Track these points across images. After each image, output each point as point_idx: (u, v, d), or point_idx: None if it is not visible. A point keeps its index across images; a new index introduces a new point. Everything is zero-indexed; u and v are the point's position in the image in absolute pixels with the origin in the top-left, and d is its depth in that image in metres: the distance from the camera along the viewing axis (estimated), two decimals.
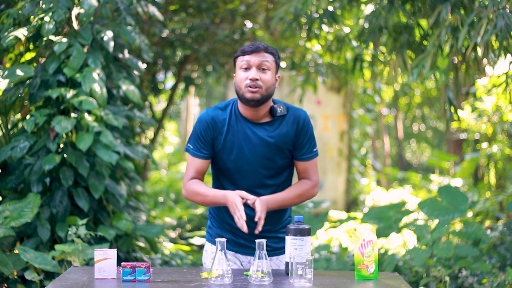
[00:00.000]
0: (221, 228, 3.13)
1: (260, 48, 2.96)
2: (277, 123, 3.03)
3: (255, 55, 2.95)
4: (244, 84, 2.94)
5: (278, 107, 3.02)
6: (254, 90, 2.93)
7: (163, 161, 15.80)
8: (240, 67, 2.97)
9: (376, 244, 2.85)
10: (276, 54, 3.03)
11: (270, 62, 2.98)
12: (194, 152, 3.04)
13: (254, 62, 2.94)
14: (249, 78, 2.93)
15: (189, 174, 3.06)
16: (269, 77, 2.97)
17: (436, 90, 14.81)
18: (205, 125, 3.02)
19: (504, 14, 4.29)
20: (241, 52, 2.98)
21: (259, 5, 7.29)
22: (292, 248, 2.85)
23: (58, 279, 2.76)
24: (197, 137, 3.04)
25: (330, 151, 10.00)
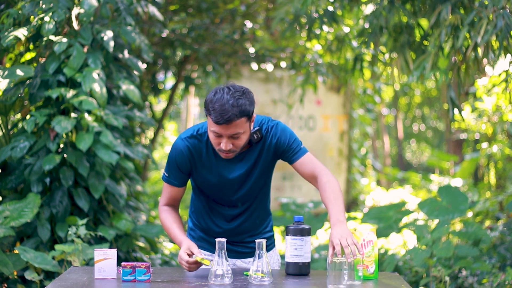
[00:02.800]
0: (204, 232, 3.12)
1: (231, 118, 2.69)
2: (255, 148, 2.96)
3: (226, 128, 2.73)
4: (217, 148, 2.82)
5: (255, 135, 2.91)
6: (228, 155, 2.84)
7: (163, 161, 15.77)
8: (210, 130, 2.79)
9: (376, 244, 2.85)
10: (249, 108, 2.75)
11: (243, 126, 2.77)
12: (169, 180, 2.99)
13: (225, 134, 2.75)
14: (222, 147, 2.79)
15: (164, 200, 3.07)
16: (243, 139, 2.81)
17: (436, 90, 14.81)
18: (181, 155, 2.93)
19: (504, 14, 4.29)
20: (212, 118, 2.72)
21: (259, 5, 7.29)
22: (292, 248, 2.84)
23: (58, 279, 2.76)
24: (173, 166, 2.96)
25: (330, 151, 10.00)
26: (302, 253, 2.84)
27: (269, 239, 3.17)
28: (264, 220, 3.15)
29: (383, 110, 16.18)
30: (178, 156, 2.94)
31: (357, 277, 2.78)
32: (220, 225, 3.06)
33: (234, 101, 2.70)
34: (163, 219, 3.05)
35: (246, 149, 2.95)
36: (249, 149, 2.95)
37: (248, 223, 3.07)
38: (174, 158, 2.95)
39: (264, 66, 8.28)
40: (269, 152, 2.97)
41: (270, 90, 9.58)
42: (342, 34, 6.63)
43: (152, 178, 12.35)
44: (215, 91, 2.75)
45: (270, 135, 2.95)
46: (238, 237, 3.08)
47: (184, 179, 3.01)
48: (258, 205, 3.09)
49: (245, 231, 3.08)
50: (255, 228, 3.11)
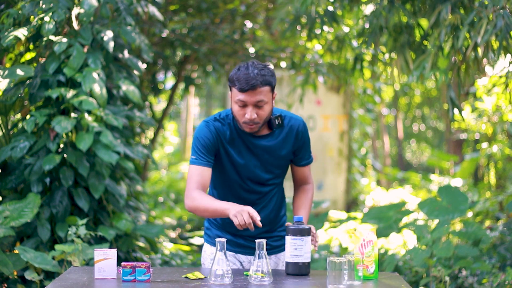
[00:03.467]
0: (220, 229, 3.14)
1: (256, 84, 2.83)
2: (276, 133, 3.04)
3: (251, 94, 2.85)
4: (241, 120, 2.91)
5: (276, 119, 3.00)
6: (252, 126, 2.91)
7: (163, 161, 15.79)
8: (235, 101, 2.89)
9: (376, 244, 2.85)
10: (272, 80, 2.90)
11: (266, 95, 2.89)
12: (198, 161, 2.95)
13: (250, 101, 2.86)
14: (246, 117, 2.88)
15: (192, 185, 2.95)
16: (266, 110, 2.91)
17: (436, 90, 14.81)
18: (209, 135, 2.97)
19: (504, 14, 4.29)
20: (237, 86, 2.85)
21: (259, 5, 7.29)
22: (292, 248, 2.85)
23: (58, 279, 2.76)
24: (201, 146, 2.96)
25: (330, 151, 10.00)
26: (302, 253, 2.85)
27: (284, 238, 3.17)
28: (280, 218, 3.18)
29: (383, 110, 16.17)
30: (206, 135, 2.97)
31: (357, 277, 2.78)
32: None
33: (258, 71, 2.86)
34: (198, 198, 2.90)
35: (268, 132, 3.02)
36: (270, 133, 3.03)
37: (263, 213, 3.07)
38: (201, 138, 2.97)
39: None
40: (291, 141, 3.06)
41: None
42: (342, 34, 6.63)
43: (152, 178, 12.35)
44: (238, 67, 2.90)
45: (296, 126, 3.06)
46: (254, 231, 3.06)
47: (212, 160, 2.98)
48: (274, 196, 3.13)
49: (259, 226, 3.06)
50: (271, 224, 3.13)
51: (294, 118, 3.08)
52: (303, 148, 3.12)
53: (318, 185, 9.89)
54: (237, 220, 2.76)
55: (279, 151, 3.04)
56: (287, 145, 3.06)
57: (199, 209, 2.92)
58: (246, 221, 2.75)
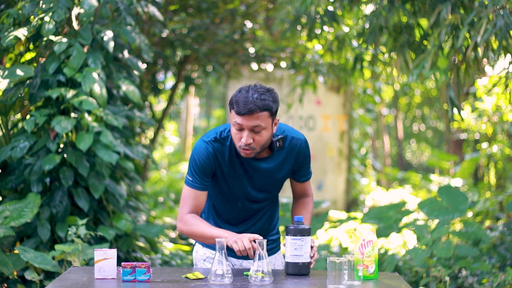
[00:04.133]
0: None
1: (253, 109, 2.74)
2: (276, 156, 2.99)
3: (248, 118, 2.76)
4: (238, 144, 2.85)
5: (277, 142, 2.93)
6: (248, 152, 2.85)
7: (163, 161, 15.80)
8: (232, 123, 2.82)
9: (376, 244, 2.85)
10: (272, 105, 2.81)
11: (265, 120, 2.79)
12: (194, 185, 2.92)
13: (246, 125, 2.78)
14: (242, 142, 2.81)
15: (187, 208, 2.94)
16: (264, 136, 2.82)
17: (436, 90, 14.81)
18: (207, 157, 2.90)
19: (504, 14, 4.29)
20: (235, 110, 2.78)
21: (259, 5, 7.29)
22: (292, 248, 2.84)
23: (58, 279, 2.76)
24: (198, 168, 2.91)
25: (330, 151, 10.00)
26: (302, 253, 2.84)
27: (275, 242, 3.19)
28: (272, 223, 3.18)
29: (383, 110, 16.17)
30: (204, 158, 2.91)
31: (357, 277, 2.78)
32: (229, 229, 3.05)
33: (258, 95, 2.77)
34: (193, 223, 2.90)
35: (268, 155, 2.97)
36: (270, 155, 2.98)
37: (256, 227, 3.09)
38: (199, 160, 2.91)
39: (264, 66, 8.28)
40: (291, 162, 3.01)
41: None
42: (342, 34, 6.63)
43: (152, 178, 12.35)
44: (240, 89, 2.83)
45: (297, 148, 3.00)
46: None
47: (208, 183, 2.95)
48: (268, 210, 3.12)
49: (254, 232, 3.07)
50: (264, 231, 3.12)
51: (295, 138, 3.00)
52: (303, 167, 3.08)
53: (318, 185, 9.89)
54: (237, 246, 2.76)
55: (277, 173, 3.01)
56: (286, 166, 3.02)
57: (195, 234, 2.92)
58: (246, 246, 2.75)
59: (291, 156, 3.00)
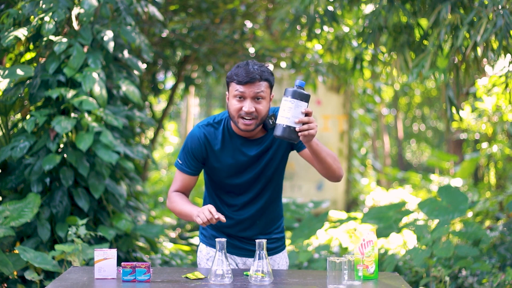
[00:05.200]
0: (215, 230, 3.14)
1: (255, 78, 2.85)
2: (270, 135, 3.01)
3: (250, 86, 2.85)
4: (238, 114, 2.88)
5: (269, 119, 2.96)
6: (249, 122, 2.88)
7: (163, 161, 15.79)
8: (233, 95, 2.88)
9: (376, 244, 2.85)
10: (270, 78, 2.92)
11: (265, 90, 2.89)
12: (182, 168, 3.03)
13: (249, 93, 2.86)
14: (244, 110, 2.86)
15: (174, 187, 3.07)
16: (264, 106, 2.90)
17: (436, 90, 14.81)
18: (197, 142, 2.99)
19: (504, 13, 4.29)
20: (236, 80, 2.87)
21: (259, 5, 7.29)
22: (282, 108, 2.73)
23: (58, 279, 2.76)
24: (188, 153, 3.01)
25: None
26: (288, 115, 2.71)
27: (279, 240, 3.19)
28: (275, 220, 3.17)
29: (383, 110, 16.18)
30: (194, 143, 2.99)
31: (357, 277, 2.78)
32: (232, 216, 3.06)
33: (258, 67, 2.89)
34: (174, 201, 3.02)
35: (262, 134, 3.01)
36: (265, 134, 3.01)
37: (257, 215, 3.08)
38: (189, 145, 3.00)
39: None
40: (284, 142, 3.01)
41: None
42: (342, 34, 6.64)
43: (152, 178, 12.35)
44: (237, 65, 2.93)
45: None
46: (249, 233, 3.08)
47: (197, 168, 3.03)
48: (268, 199, 3.10)
49: (255, 227, 3.08)
50: (266, 227, 3.12)
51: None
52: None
53: (318, 185, 9.89)
54: (200, 219, 2.79)
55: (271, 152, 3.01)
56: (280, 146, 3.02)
57: (175, 211, 3.04)
58: (207, 217, 2.77)
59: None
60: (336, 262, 2.65)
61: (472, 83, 8.04)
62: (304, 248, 6.08)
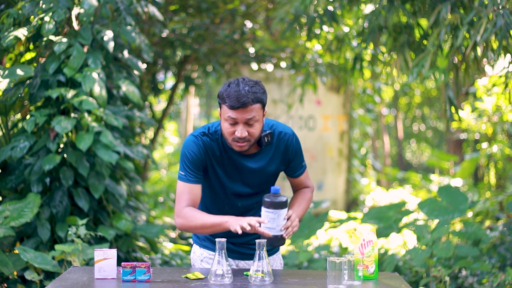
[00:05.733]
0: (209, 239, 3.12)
1: (247, 102, 2.77)
2: (265, 151, 2.99)
3: (242, 112, 2.78)
4: (231, 138, 2.85)
5: (265, 137, 2.94)
6: (242, 144, 2.86)
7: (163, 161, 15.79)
8: (225, 118, 2.83)
9: (376, 244, 2.85)
10: (263, 97, 2.84)
11: (257, 112, 2.82)
12: (188, 178, 2.93)
13: (241, 119, 2.80)
14: (237, 135, 2.82)
15: (184, 203, 2.92)
16: (257, 128, 2.85)
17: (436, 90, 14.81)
18: (197, 149, 2.92)
19: (504, 13, 4.29)
20: (227, 104, 2.79)
21: (259, 5, 7.29)
22: (264, 218, 2.80)
23: (58, 279, 2.76)
24: (188, 162, 2.92)
25: (330, 151, 10.00)
26: (274, 226, 2.79)
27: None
28: None
29: (383, 110, 16.17)
30: (194, 151, 2.92)
31: (357, 277, 2.78)
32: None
33: (248, 88, 2.80)
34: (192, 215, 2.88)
35: (257, 151, 2.98)
36: (259, 151, 2.98)
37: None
38: (190, 154, 2.92)
39: (264, 66, 8.28)
40: (279, 158, 3.01)
41: (270, 90, 9.58)
42: (341, 34, 6.64)
43: (152, 178, 12.35)
44: (228, 83, 2.84)
45: (284, 142, 3.00)
46: (243, 239, 3.08)
47: (201, 176, 2.95)
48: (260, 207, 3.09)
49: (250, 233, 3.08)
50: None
51: (283, 132, 3.00)
52: (294, 160, 3.05)
53: (318, 185, 9.89)
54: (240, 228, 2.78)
55: (266, 170, 3.00)
56: (275, 161, 3.01)
57: (195, 227, 2.90)
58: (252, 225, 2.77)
59: (279, 151, 3.00)
60: (336, 262, 2.65)
61: (472, 83, 8.04)
62: (304, 248, 6.08)
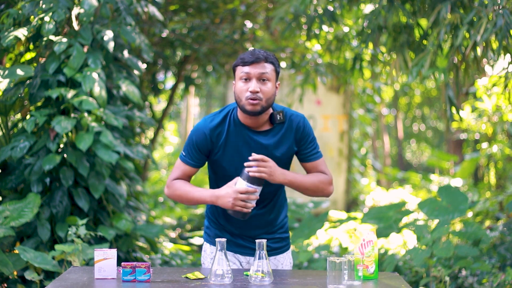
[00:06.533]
0: (219, 229, 3.13)
1: (260, 58, 2.91)
2: (276, 130, 3.02)
3: (255, 66, 2.90)
4: (244, 96, 2.91)
5: (278, 114, 3.00)
6: (255, 102, 2.90)
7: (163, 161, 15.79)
8: (239, 77, 2.93)
9: (376, 244, 2.85)
10: (276, 63, 2.98)
11: (270, 72, 2.94)
12: (186, 160, 3.04)
13: (254, 73, 2.90)
14: (249, 90, 2.89)
15: (175, 175, 3.07)
16: (269, 87, 2.93)
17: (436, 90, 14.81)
18: (203, 136, 2.99)
19: (504, 13, 4.29)
20: (241, 62, 2.93)
21: (259, 5, 7.29)
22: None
23: (58, 279, 2.76)
24: (192, 146, 3.02)
25: (330, 151, 10.00)
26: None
27: (284, 240, 3.19)
28: (280, 219, 3.16)
29: (383, 110, 16.18)
30: (199, 137, 2.99)
31: (357, 277, 2.78)
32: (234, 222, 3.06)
33: (263, 51, 2.95)
34: (179, 187, 3.03)
35: (268, 128, 3.01)
36: (272, 128, 3.02)
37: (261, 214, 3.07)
38: (194, 139, 3.01)
39: None
40: (291, 138, 3.03)
41: None
42: (341, 34, 6.64)
43: (152, 178, 12.35)
44: (244, 52, 2.99)
45: (296, 122, 3.04)
46: (253, 232, 3.08)
47: (201, 160, 3.04)
48: (274, 196, 3.10)
49: (260, 226, 3.08)
50: (270, 225, 3.11)
51: (294, 114, 3.06)
52: (306, 144, 3.05)
53: None
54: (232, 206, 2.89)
55: (275, 150, 3.01)
56: (286, 141, 3.02)
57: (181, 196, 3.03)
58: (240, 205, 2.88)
59: (291, 131, 3.03)
60: (336, 262, 2.65)
61: (472, 83, 8.04)
62: (304, 248, 6.08)
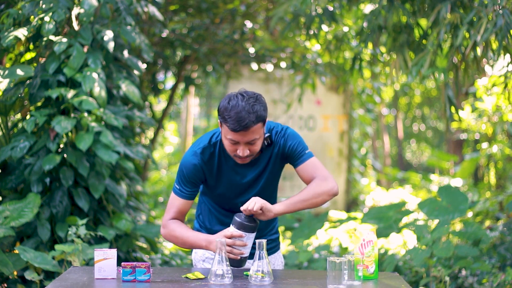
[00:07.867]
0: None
1: (248, 125, 2.74)
2: (266, 152, 3.00)
3: (243, 134, 2.77)
4: (232, 154, 2.87)
5: (265, 140, 2.95)
6: (244, 159, 2.88)
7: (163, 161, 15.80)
8: (226, 137, 2.82)
9: (376, 244, 2.85)
10: (264, 114, 2.80)
11: (259, 131, 2.81)
12: (181, 193, 2.98)
13: (242, 140, 2.80)
14: (239, 153, 2.83)
15: (171, 214, 3.01)
16: (258, 144, 2.85)
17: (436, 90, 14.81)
18: (194, 168, 2.94)
19: (504, 13, 4.29)
20: (228, 126, 2.76)
21: (259, 5, 7.29)
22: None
23: (58, 279, 2.76)
24: (185, 179, 2.96)
25: (330, 151, 10.00)
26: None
27: (274, 241, 3.19)
28: (270, 223, 3.16)
29: (383, 110, 16.17)
30: (191, 170, 2.94)
31: (357, 277, 2.78)
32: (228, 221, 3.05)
33: (249, 108, 2.74)
34: (173, 229, 2.98)
35: (257, 155, 2.98)
36: (260, 155, 2.99)
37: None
38: (187, 172, 2.95)
39: (264, 66, 8.28)
40: (278, 156, 3.01)
41: (270, 90, 9.59)
42: (341, 34, 6.64)
43: (152, 178, 12.35)
44: (229, 99, 2.78)
45: (279, 140, 2.99)
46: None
47: (196, 192, 3.02)
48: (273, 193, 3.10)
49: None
50: (261, 230, 3.11)
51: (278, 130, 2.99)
52: (292, 150, 3.00)
53: None
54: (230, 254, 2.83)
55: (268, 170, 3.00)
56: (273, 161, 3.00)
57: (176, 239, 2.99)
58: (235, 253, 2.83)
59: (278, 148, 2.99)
60: (336, 262, 2.65)
61: (472, 83, 8.04)
62: (304, 248, 6.08)
